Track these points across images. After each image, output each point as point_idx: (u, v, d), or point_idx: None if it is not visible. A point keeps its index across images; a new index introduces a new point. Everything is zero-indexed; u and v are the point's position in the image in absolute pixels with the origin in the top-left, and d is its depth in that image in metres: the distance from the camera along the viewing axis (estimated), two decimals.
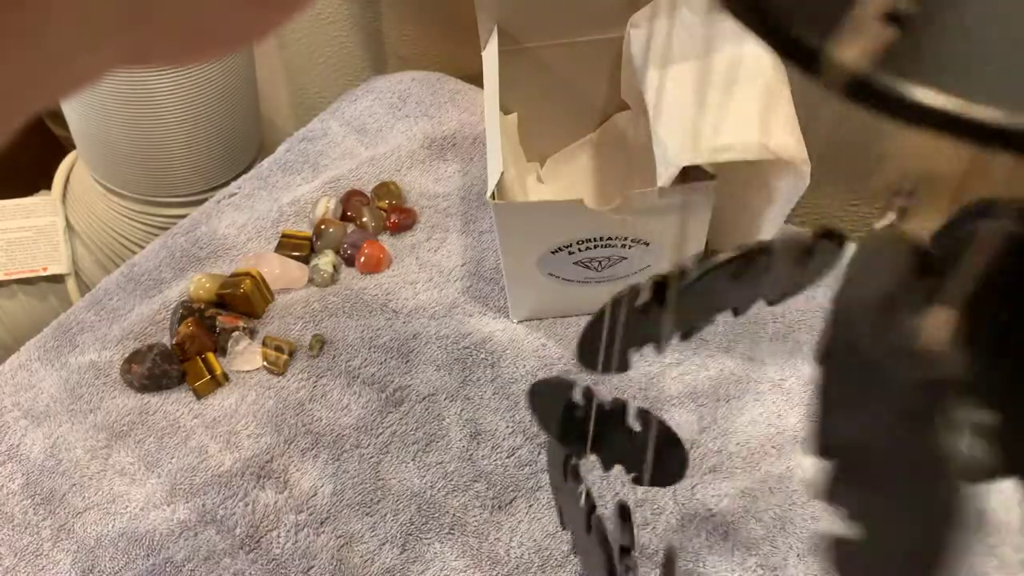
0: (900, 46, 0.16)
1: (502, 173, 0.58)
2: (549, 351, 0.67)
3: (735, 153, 0.54)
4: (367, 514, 0.58)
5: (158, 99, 0.84)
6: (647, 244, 0.62)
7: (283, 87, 1.18)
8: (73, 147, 0.98)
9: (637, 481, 0.43)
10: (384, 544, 0.57)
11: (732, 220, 0.67)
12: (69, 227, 0.99)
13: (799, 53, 0.17)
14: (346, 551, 0.57)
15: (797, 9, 0.16)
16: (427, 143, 0.83)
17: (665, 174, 0.56)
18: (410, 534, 0.57)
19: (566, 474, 0.41)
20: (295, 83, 1.17)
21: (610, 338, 0.34)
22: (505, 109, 0.73)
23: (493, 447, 0.61)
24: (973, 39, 0.16)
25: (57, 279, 0.97)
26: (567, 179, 0.78)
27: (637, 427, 0.40)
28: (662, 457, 0.40)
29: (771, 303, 0.36)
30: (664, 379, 0.65)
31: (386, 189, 0.78)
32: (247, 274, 0.70)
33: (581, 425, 0.40)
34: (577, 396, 0.40)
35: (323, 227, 0.74)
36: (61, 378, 0.67)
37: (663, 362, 0.65)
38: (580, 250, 0.62)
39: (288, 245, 0.74)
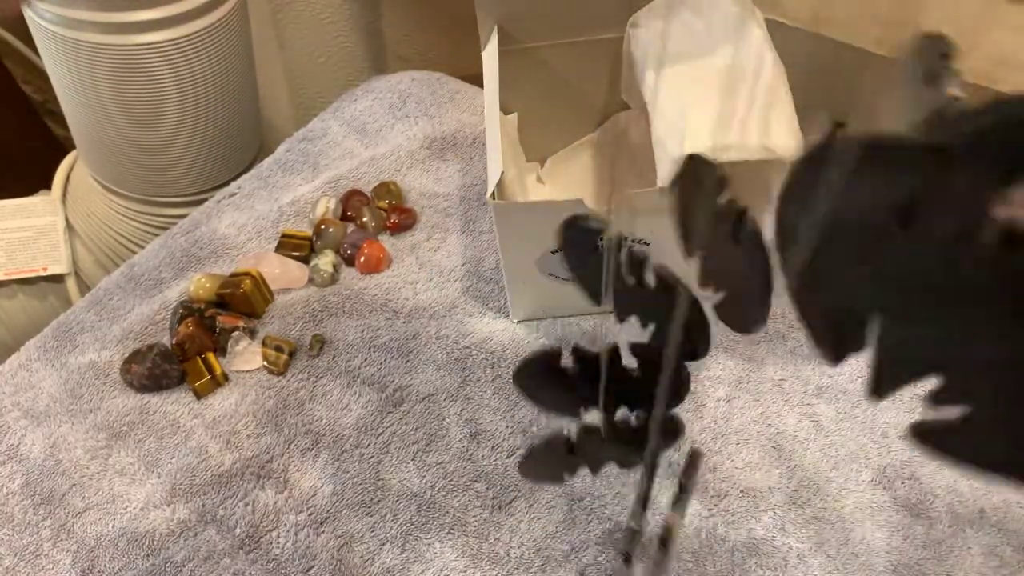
0: None
1: (502, 173, 0.58)
2: None
3: (735, 153, 0.54)
4: (367, 514, 0.58)
5: (158, 99, 0.84)
6: (647, 244, 0.62)
7: (283, 87, 1.18)
8: (73, 147, 0.98)
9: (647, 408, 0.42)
10: (384, 544, 0.57)
11: None
12: (69, 227, 0.99)
13: None
14: (346, 551, 0.57)
15: None
16: (427, 143, 0.83)
17: (665, 173, 0.56)
18: (410, 534, 0.57)
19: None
20: (295, 83, 1.17)
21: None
22: (505, 109, 0.73)
23: (493, 447, 0.61)
24: None
25: (57, 279, 0.97)
26: (567, 179, 0.78)
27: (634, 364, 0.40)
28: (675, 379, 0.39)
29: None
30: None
31: (386, 189, 0.78)
32: (247, 274, 0.70)
33: (577, 386, 0.39)
34: (567, 360, 0.39)
35: (323, 227, 0.74)
36: (61, 378, 0.67)
37: None
38: None
39: (288, 245, 0.74)
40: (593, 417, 0.41)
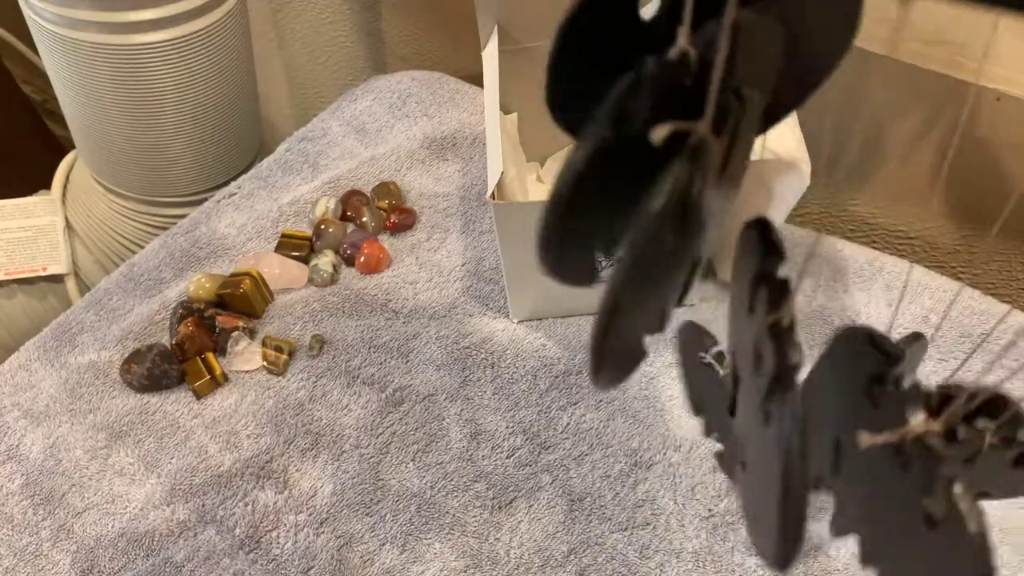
0: None
1: (502, 173, 0.58)
2: (549, 351, 0.67)
3: None
4: (367, 514, 0.58)
5: (158, 99, 0.84)
6: None
7: (283, 87, 1.18)
8: (73, 147, 0.98)
9: None
10: (384, 544, 0.57)
11: (732, 220, 0.67)
12: (69, 227, 0.99)
13: None
14: (346, 551, 0.57)
15: None
16: (427, 143, 0.83)
17: None
18: (410, 534, 0.57)
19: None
20: (295, 83, 1.17)
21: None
22: (505, 109, 0.73)
23: (493, 447, 0.61)
24: None
25: (57, 279, 0.97)
26: None
27: None
28: None
29: None
30: (664, 379, 0.65)
31: (386, 189, 0.78)
32: (247, 274, 0.70)
33: None
34: None
35: (323, 227, 0.74)
36: (61, 378, 0.67)
37: (663, 362, 0.65)
38: None
39: (288, 245, 0.74)
40: None
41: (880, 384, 0.25)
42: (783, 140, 0.55)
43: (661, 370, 0.65)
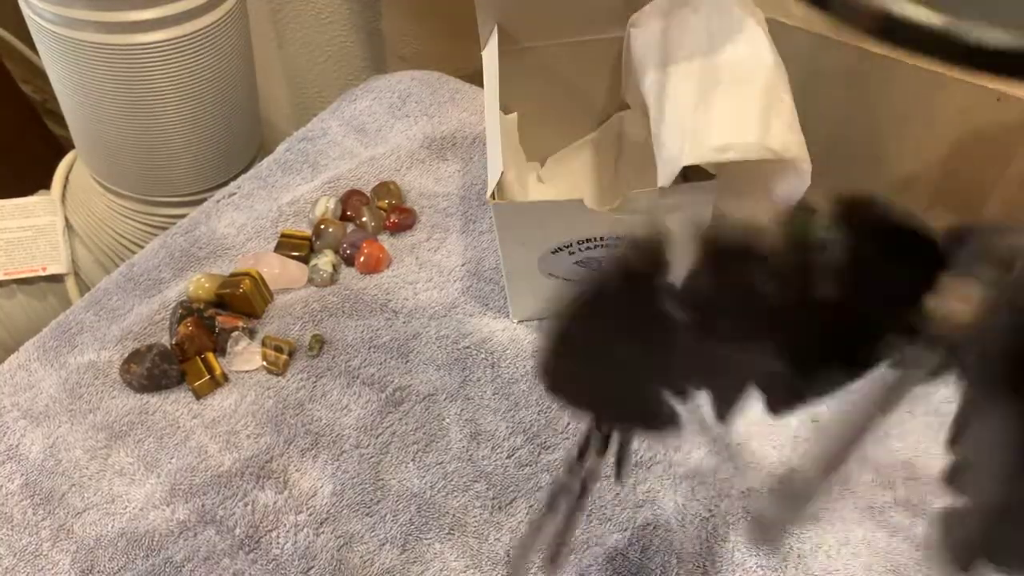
0: None
1: (502, 173, 0.58)
2: None
3: (735, 153, 0.54)
4: (367, 514, 0.58)
5: (158, 99, 0.84)
6: None
7: (283, 87, 1.18)
8: (73, 147, 0.98)
9: None
10: (384, 544, 0.57)
11: (729, 216, 0.66)
12: (68, 227, 0.99)
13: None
14: (346, 551, 0.57)
15: None
16: (427, 143, 0.83)
17: (665, 174, 0.56)
18: (410, 534, 0.57)
19: None
20: (295, 83, 1.16)
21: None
22: (505, 109, 0.73)
23: (493, 447, 0.61)
24: None
25: (56, 279, 0.97)
26: (567, 179, 0.78)
27: None
28: None
29: None
30: None
31: (386, 189, 0.78)
32: (246, 274, 0.70)
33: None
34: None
35: (322, 227, 0.74)
36: (60, 378, 0.67)
37: None
38: (580, 250, 0.62)
39: (287, 245, 0.74)
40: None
41: None
42: (783, 140, 0.55)
43: None
